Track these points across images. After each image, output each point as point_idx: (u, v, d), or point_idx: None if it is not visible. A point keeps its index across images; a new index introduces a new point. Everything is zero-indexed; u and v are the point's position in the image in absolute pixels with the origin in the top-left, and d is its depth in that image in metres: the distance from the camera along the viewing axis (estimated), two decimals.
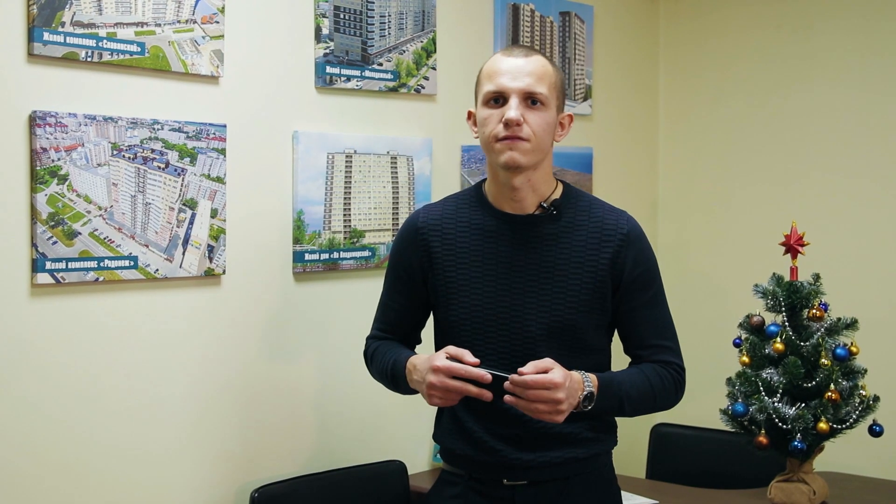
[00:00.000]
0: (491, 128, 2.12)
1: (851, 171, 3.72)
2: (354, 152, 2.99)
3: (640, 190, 4.11)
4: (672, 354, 2.21)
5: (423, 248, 2.23)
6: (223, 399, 2.72)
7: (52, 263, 2.36)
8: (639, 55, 4.10)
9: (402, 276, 2.28)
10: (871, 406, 2.78)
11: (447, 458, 2.28)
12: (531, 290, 2.15)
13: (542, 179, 2.18)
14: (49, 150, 2.35)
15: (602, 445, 2.23)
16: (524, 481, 2.17)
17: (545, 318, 2.13)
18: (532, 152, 2.11)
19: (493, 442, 2.17)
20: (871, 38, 3.69)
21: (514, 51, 2.16)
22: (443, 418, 2.28)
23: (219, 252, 2.68)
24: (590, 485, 2.21)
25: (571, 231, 2.17)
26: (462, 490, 2.22)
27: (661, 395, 2.17)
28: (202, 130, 2.63)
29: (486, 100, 2.14)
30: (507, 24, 3.46)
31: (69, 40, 2.37)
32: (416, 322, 2.33)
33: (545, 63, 2.15)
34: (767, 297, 2.84)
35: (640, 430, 3.63)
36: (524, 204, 2.17)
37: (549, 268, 2.15)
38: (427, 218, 2.25)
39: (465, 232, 2.20)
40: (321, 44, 2.91)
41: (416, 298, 2.28)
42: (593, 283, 2.15)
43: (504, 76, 2.11)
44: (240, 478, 2.76)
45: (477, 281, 2.17)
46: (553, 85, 2.15)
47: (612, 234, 2.17)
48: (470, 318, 2.17)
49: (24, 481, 2.36)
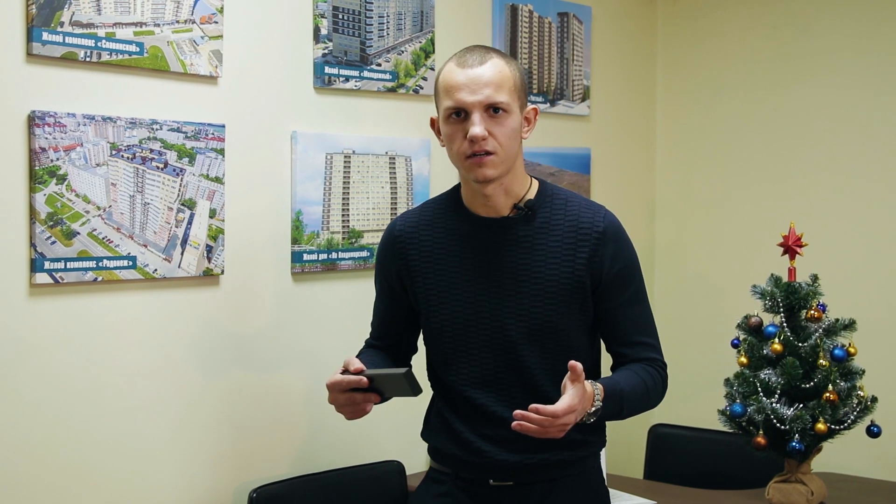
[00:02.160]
0: (457, 145, 2.08)
1: (850, 171, 3.72)
2: (353, 153, 2.99)
3: (638, 190, 4.11)
4: (655, 351, 2.20)
5: (401, 257, 2.22)
6: (221, 399, 2.72)
7: (50, 263, 2.36)
8: (637, 56, 4.10)
9: (384, 284, 2.29)
10: (869, 407, 2.78)
11: (434, 455, 2.28)
12: (509, 294, 2.13)
13: (515, 181, 2.15)
14: (48, 150, 2.35)
15: (590, 448, 2.21)
16: (510, 482, 2.17)
17: (524, 321, 2.12)
18: (502, 163, 2.08)
19: (480, 443, 2.16)
20: (869, 38, 3.69)
21: (468, 58, 2.08)
22: (431, 417, 2.29)
23: (217, 252, 2.68)
24: (577, 486, 2.20)
25: (547, 231, 2.14)
26: (449, 488, 2.22)
27: (652, 396, 2.16)
28: (201, 130, 2.63)
29: (446, 115, 2.09)
30: (506, 24, 3.46)
31: (68, 40, 2.37)
32: (404, 329, 2.31)
33: (501, 66, 2.08)
34: (765, 297, 2.85)
35: (638, 430, 3.63)
36: (498, 207, 2.15)
37: (526, 270, 2.13)
38: (404, 227, 2.24)
39: (441, 238, 2.19)
40: (320, 44, 2.91)
41: (400, 306, 2.27)
42: (571, 283, 2.12)
43: (462, 91, 2.05)
44: (238, 478, 2.76)
45: (456, 287, 2.16)
46: (514, 88, 2.08)
47: (587, 232, 2.14)
48: (451, 324, 2.17)
49: (23, 481, 2.35)
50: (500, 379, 2.15)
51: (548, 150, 3.61)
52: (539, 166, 3.56)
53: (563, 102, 3.70)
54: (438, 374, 2.25)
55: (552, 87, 3.65)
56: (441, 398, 2.25)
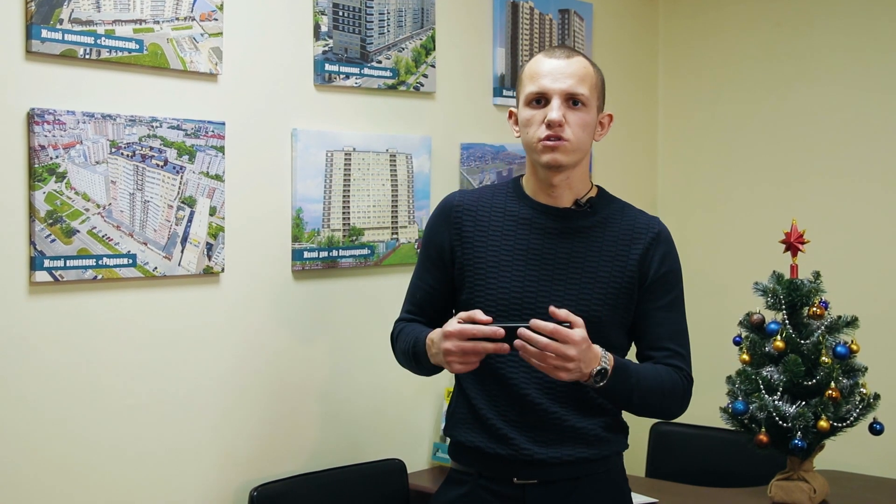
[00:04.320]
0: (534, 129, 2.16)
1: (852, 168, 3.71)
2: (353, 150, 2.99)
3: (640, 188, 4.10)
4: (684, 362, 2.21)
5: (455, 227, 2.24)
6: (222, 397, 2.72)
7: (50, 261, 2.35)
8: (638, 53, 4.09)
9: (432, 254, 2.28)
10: (872, 404, 2.78)
11: (456, 455, 2.26)
12: (559, 280, 2.16)
13: (580, 178, 2.22)
14: (47, 148, 2.34)
15: (613, 447, 2.21)
16: (535, 480, 2.16)
17: (571, 308, 2.10)
18: (573, 152, 2.16)
19: (507, 429, 2.15)
20: (871, 36, 3.69)
21: (556, 52, 2.19)
22: (457, 409, 2.26)
23: (217, 250, 2.67)
24: (600, 487, 2.20)
25: (604, 226, 2.21)
26: (471, 488, 2.21)
27: (668, 397, 2.16)
28: (201, 128, 2.62)
29: (528, 100, 2.18)
30: (507, 21, 3.46)
31: (67, 37, 2.37)
32: (444, 305, 2.30)
33: (586, 64, 2.19)
34: (768, 294, 2.84)
35: (640, 428, 3.63)
36: (560, 199, 2.21)
37: (580, 259, 2.17)
38: (463, 199, 2.28)
39: (499, 217, 2.23)
40: (320, 41, 2.90)
41: (446, 279, 2.27)
42: (622, 278, 2.17)
43: (546, 77, 2.15)
44: (239, 476, 2.76)
45: (506, 265, 2.18)
46: (594, 86, 2.19)
47: (643, 231, 2.22)
48: (495, 301, 2.17)
49: (23, 480, 2.35)
50: None
51: None
52: None
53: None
54: None
55: None
56: (471, 382, 2.22)
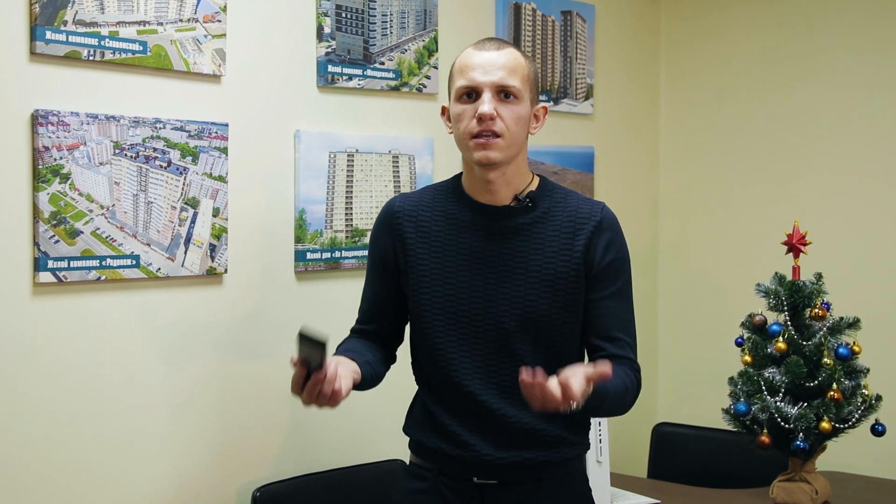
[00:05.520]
0: (465, 124, 2.10)
1: (854, 169, 3.72)
2: (356, 151, 2.99)
3: (642, 189, 4.10)
4: (632, 351, 2.17)
5: (397, 234, 2.21)
6: (225, 398, 2.72)
7: (53, 262, 2.36)
8: (640, 54, 4.10)
9: (376, 262, 2.27)
10: (874, 405, 2.78)
11: (417, 450, 2.26)
12: (505, 283, 2.13)
13: (517, 173, 2.16)
14: (51, 149, 2.35)
15: (574, 449, 2.20)
16: (494, 480, 2.15)
17: (518, 310, 2.10)
18: (506, 147, 2.10)
19: (467, 435, 2.14)
20: (873, 37, 3.69)
21: (486, 44, 2.14)
22: (415, 411, 2.27)
23: (220, 251, 2.67)
24: (561, 489, 2.19)
25: (545, 220, 2.15)
26: (431, 484, 2.20)
27: (628, 399, 2.13)
28: (204, 129, 2.63)
29: (458, 95, 2.12)
30: (509, 23, 3.46)
31: (71, 39, 2.37)
32: (392, 313, 2.28)
33: (517, 55, 2.13)
34: (769, 296, 2.84)
35: (642, 429, 3.63)
36: (499, 196, 2.16)
37: (523, 258, 2.13)
38: (403, 204, 2.24)
39: (440, 221, 2.19)
40: (323, 43, 2.90)
41: (391, 286, 2.25)
42: (568, 272, 2.12)
43: (476, 70, 2.10)
44: (241, 476, 2.76)
45: (450, 271, 2.15)
46: (526, 77, 2.12)
47: (585, 220, 2.15)
48: (442, 308, 2.15)
49: (27, 479, 2.35)
50: (491, 367, 2.13)
51: (551, 149, 3.61)
52: (542, 165, 3.55)
53: (566, 101, 3.70)
54: (425, 362, 2.22)
55: (555, 85, 3.65)
56: (426, 389, 2.23)
